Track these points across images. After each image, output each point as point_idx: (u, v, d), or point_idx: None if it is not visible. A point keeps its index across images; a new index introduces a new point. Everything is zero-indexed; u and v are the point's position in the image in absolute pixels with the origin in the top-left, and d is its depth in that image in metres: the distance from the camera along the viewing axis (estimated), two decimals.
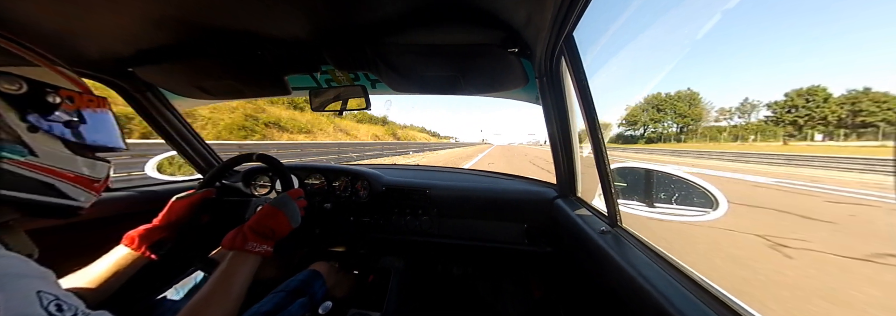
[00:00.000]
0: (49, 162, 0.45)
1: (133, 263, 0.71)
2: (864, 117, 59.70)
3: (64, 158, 0.47)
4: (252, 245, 0.67)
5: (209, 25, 0.75)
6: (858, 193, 7.58)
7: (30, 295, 0.33)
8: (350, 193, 1.38)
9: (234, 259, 0.65)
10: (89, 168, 0.51)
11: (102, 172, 0.54)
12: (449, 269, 1.62)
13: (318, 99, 1.15)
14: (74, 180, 0.49)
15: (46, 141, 0.44)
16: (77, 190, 0.49)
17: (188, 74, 1.02)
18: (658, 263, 0.64)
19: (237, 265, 0.65)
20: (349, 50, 0.85)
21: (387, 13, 0.70)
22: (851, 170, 14.92)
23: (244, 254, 0.66)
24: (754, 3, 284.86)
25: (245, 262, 0.66)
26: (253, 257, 0.67)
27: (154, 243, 0.74)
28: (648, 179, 0.99)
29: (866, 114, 57.95)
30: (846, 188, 8.49)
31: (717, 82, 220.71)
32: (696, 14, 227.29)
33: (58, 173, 0.46)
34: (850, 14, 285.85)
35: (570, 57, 0.75)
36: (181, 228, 0.83)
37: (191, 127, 1.36)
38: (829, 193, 7.47)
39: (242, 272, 0.64)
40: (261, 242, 0.69)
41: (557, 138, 1.06)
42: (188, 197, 0.85)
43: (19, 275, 0.35)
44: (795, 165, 17.45)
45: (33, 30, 0.72)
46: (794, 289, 2.27)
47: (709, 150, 39.72)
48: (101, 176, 0.54)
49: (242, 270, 0.65)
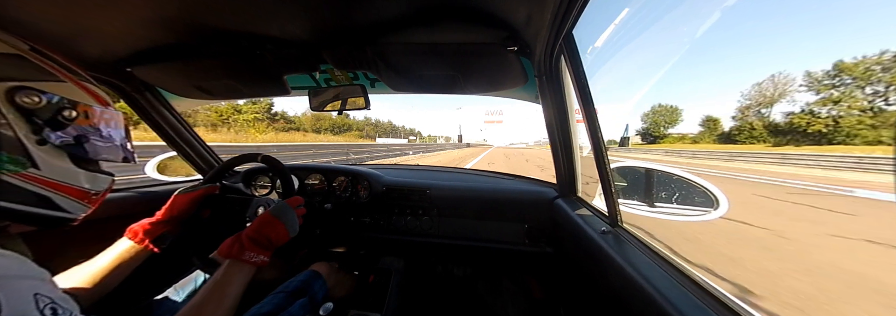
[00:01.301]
0: (50, 175, 0.45)
1: (135, 256, 0.72)
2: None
3: (66, 172, 0.47)
4: (249, 255, 0.66)
5: (208, 25, 0.75)
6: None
7: (27, 296, 0.33)
8: (350, 194, 1.37)
9: (229, 268, 0.64)
10: (90, 182, 0.51)
11: (104, 185, 0.54)
12: (449, 269, 1.62)
13: (317, 98, 1.15)
14: (72, 193, 0.48)
15: (53, 154, 0.45)
16: (72, 203, 0.49)
17: (187, 74, 1.02)
18: (659, 264, 0.63)
19: (232, 274, 0.64)
20: (348, 49, 0.85)
21: (386, 13, 0.70)
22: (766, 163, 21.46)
23: (240, 263, 0.65)
24: (754, 2, 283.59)
25: (240, 271, 0.65)
26: (249, 267, 0.66)
27: (156, 237, 0.75)
28: (648, 179, 0.98)
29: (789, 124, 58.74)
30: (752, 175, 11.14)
31: (717, 82, 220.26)
32: (695, 13, 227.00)
33: (56, 186, 0.46)
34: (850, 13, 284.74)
35: (570, 55, 0.74)
36: (183, 223, 0.83)
37: (190, 127, 1.36)
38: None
39: (237, 282, 0.63)
40: (258, 251, 0.68)
41: (557, 137, 1.05)
42: (191, 192, 0.85)
43: (18, 276, 0.35)
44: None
45: (31, 29, 0.72)
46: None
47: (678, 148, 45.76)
48: (101, 189, 0.54)
49: (237, 279, 0.64)
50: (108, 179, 0.55)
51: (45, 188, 0.44)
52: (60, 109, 0.44)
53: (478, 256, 1.51)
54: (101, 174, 0.53)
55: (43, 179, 0.44)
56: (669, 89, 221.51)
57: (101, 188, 0.53)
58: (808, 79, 70.02)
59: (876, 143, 52.08)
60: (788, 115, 62.64)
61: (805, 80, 71.32)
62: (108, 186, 0.56)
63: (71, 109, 0.45)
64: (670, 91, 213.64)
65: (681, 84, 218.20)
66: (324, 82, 1.18)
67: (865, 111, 63.92)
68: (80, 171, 0.49)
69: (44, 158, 0.43)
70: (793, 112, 62.48)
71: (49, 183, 0.45)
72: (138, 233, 0.73)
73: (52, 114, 0.44)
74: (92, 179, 0.51)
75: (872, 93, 68.64)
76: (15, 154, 0.40)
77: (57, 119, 0.44)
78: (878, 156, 19.66)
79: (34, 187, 0.43)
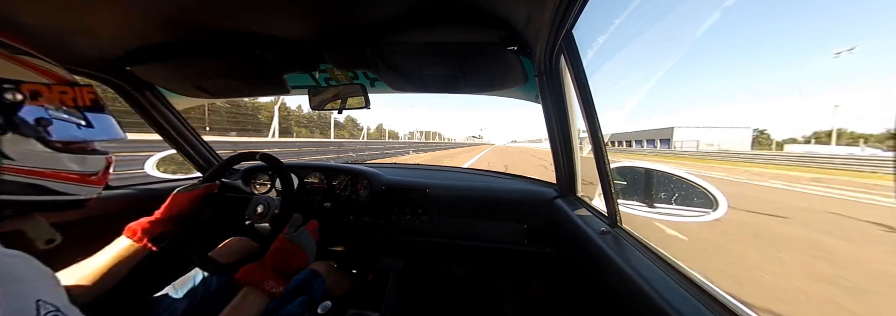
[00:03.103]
0: (28, 163, 0.42)
1: (134, 255, 0.71)
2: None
3: (44, 158, 0.43)
4: (270, 284, 0.63)
5: (208, 24, 0.75)
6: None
7: (28, 303, 0.32)
8: (350, 192, 1.37)
9: (248, 296, 0.61)
10: (78, 163, 0.48)
11: (97, 166, 0.51)
12: (448, 269, 1.62)
13: (316, 97, 1.15)
14: (64, 178, 0.46)
15: (19, 142, 0.41)
16: (71, 186, 0.47)
17: (187, 73, 1.02)
18: (658, 264, 0.63)
19: (250, 303, 0.61)
20: (348, 49, 0.85)
21: (386, 12, 0.70)
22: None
23: (259, 292, 0.62)
24: (754, 2, 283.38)
25: (257, 298, 0.62)
26: (267, 297, 0.63)
27: (155, 236, 0.74)
28: (648, 179, 0.98)
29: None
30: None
31: (716, 81, 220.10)
32: (695, 12, 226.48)
33: (41, 173, 0.43)
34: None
35: (570, 55, 0.74)
36: (183, 222, 0.83)
37: (190, 125, 1.36)
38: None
39: (253, 310, 0.60)
40: (279, 282, 0.65)
41: (557, 137, 1.05)
42: (190, 190, 0.85)
43: (21, 279, 0.34)
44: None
45: (31, 28, 0.72)
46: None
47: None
48: (96, 169, 0.51)
49: (254, 307, 0.60)
50: (100, 157, 0.52)
51: (31, 177, 0.42)
52: (2, 92, 0.39)
53: (477, 256, 1.51)
54: (91, 155, 0.50)
55: (23, 168, 0.41)
56: (667, 88, 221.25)
57: (94, 169, 0.51)
58: None
59: None
60: None
61: None
62: (105, 164, 0.53)
63: (13, 91, 0.40)
64: (667, 93, 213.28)
65: (678, 82, 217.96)
66: (323, 81, 1.18)
67: None
68: (61, 154, 0.45)
69: (12, 148, 0.40)
70: None
71: (31, 172, 0.42)
72: (137, 232, 0.72)
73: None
74: (80, 161, 0.48)
75: None
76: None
77: (1, 103, 0.39)
78: None
79: (20, 178, 0.41)
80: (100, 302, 0.65)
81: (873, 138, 75.79)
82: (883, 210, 5.52)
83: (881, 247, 3.47)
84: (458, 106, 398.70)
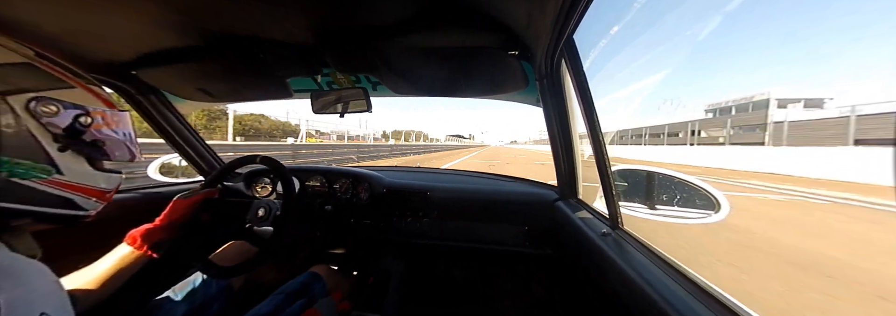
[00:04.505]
0: (72, 179, 0.47)
1: (135, 262, 0.72)
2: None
3: (86, 175, 0.50)
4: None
5: (212, 28, 0.76)
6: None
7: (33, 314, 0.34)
8: (351, 195, 1.38)
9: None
10: (106, 181, 0.54)
11: (115, 183, 0.57)
12: (449, 271, 1.62)
13: (319, 101, 1.16)
14: (91, 194, 0.51)
15: (73, 159, 0.47)
16: (90, 202, 0.51)
17: (191, 77, 1.03)
18: (660, 266, 0.63)
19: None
20: (351, 53, 0.86)
21: (388, 16, 0.71)
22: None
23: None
24: (754, 6, 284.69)
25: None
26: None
27: (155, 242, 0.75)
28: (649, 181, 0.99)
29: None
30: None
31: (715, 84, 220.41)
32: (696, 17, 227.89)
33: (78, 188, 0.48)
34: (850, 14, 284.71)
35: (571, 59, 0.75)
36: (182, 228, 0.84)
37: (193, 129, 1.37)
38: None
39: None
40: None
41: (558, 140, 1.06)
42: (190, 197, 0.86)
43: (32, 288, 0.36)
44: None
45: (38, 32, 0.73)
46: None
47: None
48: (113, 187, 0.56)
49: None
50: (118, 177, 0.58)
51: (67, 191, 0.47)
52: (77, 117, 0.47)
53: (478, 259, 1.51)
54: (113, 173, 0.56)
55: (67, 183, 0.46)
56: (667, 91, 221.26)
57: (113, 186, 0.56)
58: None
59: None
60: None
61: None
62: (119, 183, 0.58)
63: (86, 116, 0.48)
64: (667, 95, 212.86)
65: (679, 86, 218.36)
66: (326, 85, 1.19)
67: None
68: (97, 172, 0.51)
69: (66, 164, 0.46)
70: None
71: (71, 186, 0.47)
72: (137, 239, 0.73)
73: (70, 121, 0.46)
74: (107, 179, 0.54)
75: None
76: (40, 162, 0.43)
77: (74, 126, 0.46)
78: None
79: (58, 191, 0.46)
80: (100, 307, 0.65)
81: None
82: None
83: None
84: (447, 105, 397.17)
